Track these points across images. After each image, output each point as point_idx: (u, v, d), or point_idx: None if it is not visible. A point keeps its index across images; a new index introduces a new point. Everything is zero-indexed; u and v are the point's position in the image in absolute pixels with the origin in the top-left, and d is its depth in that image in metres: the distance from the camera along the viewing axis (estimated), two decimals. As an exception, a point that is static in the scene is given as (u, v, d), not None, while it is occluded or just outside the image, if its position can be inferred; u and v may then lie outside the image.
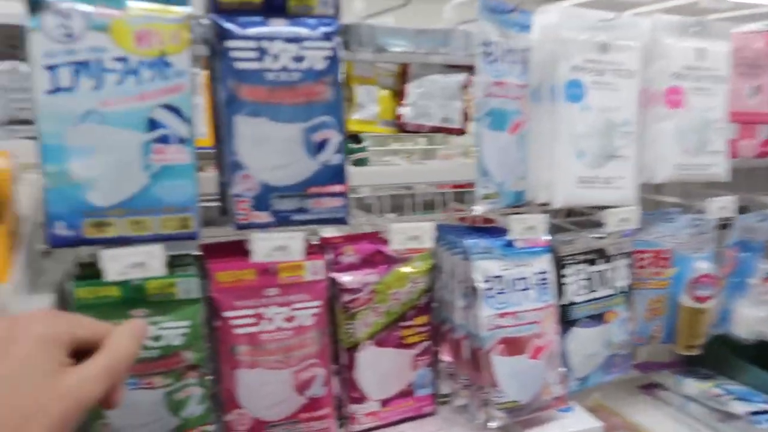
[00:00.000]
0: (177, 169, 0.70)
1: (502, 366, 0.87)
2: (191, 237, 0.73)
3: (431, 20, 1.00)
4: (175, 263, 0.77)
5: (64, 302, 0.74)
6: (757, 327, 1.14)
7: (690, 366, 1.32)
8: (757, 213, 1.12)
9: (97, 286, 0.72)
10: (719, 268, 1.11)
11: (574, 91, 0.95)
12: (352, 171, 0.81)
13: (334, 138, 0.78)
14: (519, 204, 0.99)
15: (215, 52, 0.73)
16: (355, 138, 3.14)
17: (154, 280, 0.74)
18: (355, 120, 1.42)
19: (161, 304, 0.75)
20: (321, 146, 0.78)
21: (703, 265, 1.07)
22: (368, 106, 1.42)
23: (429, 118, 1.47)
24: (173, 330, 0.76)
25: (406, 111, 1.46)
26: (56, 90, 0.66)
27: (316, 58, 0.76)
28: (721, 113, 1.06)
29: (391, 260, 0.91)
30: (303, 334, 0.82)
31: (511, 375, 0.88)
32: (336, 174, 0.79)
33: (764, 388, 1.19)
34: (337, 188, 0.79)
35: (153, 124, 0.69)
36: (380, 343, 0.89)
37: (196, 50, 0.71)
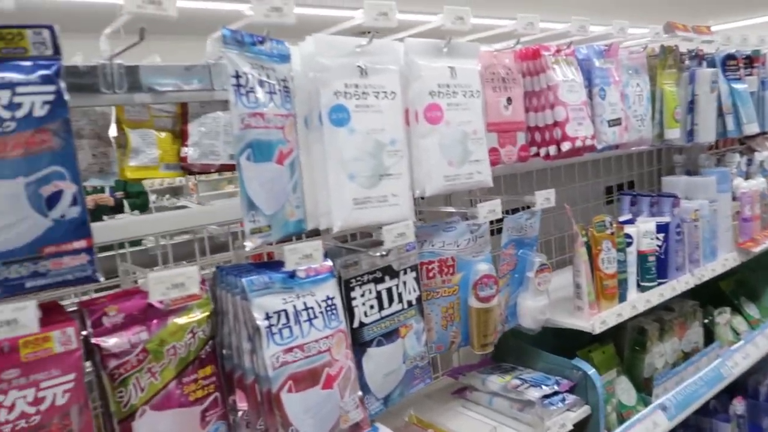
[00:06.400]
0: None
1: (293, 403, 0.84)
2: None
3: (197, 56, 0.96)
4: None
5: None
6: (539, 316, 1.23)
7: (496, 362, 1.41)
8: (522, 213, 1.22)
9: None
10: (499, 268, 1.19)
11: (339, 116, 0.97)
12: (137, 220, 0.73)
13: (69, 189, 0.70)
14: (300, 233, 0.97)
15: None
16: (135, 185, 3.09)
17: None
18: (133, 167, 1.31)
19: None
20: (53, 200, 0.70)
21: (483, 267, 1.14)
22: (146, 151, 1.32)
23: (216, 157, 1.41)
24: None
25: (190, 152, 1.39)
26: None
27: (34, 104, 0.68)
28: (478, 125, 1.15)
29: (163, 313, 0.83)
30: (56, 414, 0.72)
31: (305, 411, 0.84)
32: (75, 229, 0.71)
33: (554, 371, 1.30)
34: (78, 244, 0.71)
35: None
36: (160, 406, 0.81)
37: None
